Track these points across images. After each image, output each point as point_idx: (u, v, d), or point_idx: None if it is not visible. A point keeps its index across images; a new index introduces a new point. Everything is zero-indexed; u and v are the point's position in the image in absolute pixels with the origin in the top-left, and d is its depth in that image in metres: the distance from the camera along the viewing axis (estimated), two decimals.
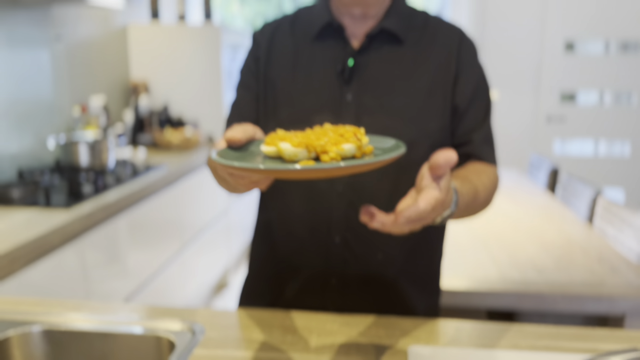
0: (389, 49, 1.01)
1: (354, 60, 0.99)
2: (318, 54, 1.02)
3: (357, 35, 1.02)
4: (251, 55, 1.07)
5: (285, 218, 1.05)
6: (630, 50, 4.24)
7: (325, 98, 1.00)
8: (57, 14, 2.52)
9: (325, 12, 1.02)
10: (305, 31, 1.04)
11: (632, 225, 2.00)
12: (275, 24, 1.08)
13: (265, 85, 1.05)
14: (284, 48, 1.04)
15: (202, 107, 3.32)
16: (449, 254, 1.89)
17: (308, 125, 0.97)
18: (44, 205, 1.83)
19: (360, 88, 0.99)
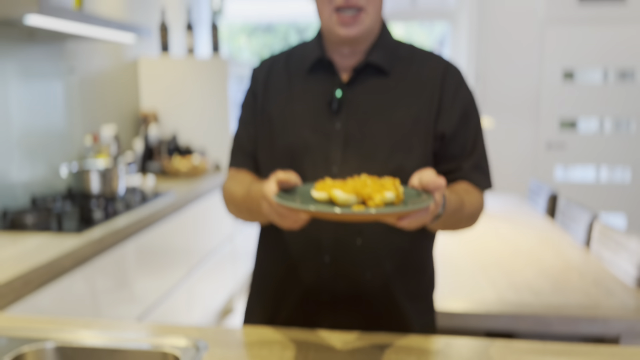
0: (375, 81, 1.09)
1: (342, 92, 1.08)
2: (310, 87, 1.10)
3: (345, 69, 1.10)
4: (250, 90, 1.17)
5: (279, 240, 1.12)
6: (628, 79, 4.33)
7: (316, 126, 1.08)
8: (70, 48, 2.64)
9: (317, 48, 1.11)
10: (299, 66, 1.13)
11: (627, 248, 2.04)
12: (272, 60, 1.18)
13: (263, 115, 1.13)
14: (280, 81, 1.13)
15: (210, 136, 3.41)
16: (448, 277, 1.94)
17: (303, 152, 1.05)
18: (56, 230, 1.90)
19: (348, 117, 1.07)
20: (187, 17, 3.52)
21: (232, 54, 5.17)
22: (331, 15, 1.03)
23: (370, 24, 1.05)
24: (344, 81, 1.09)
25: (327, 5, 1.03)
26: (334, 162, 1.06)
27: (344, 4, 1.01)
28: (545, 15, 4.28)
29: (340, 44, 1.08)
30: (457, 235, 2.45)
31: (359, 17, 1.03)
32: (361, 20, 1.03)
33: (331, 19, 1.03)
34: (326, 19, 1.04)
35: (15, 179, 2.25)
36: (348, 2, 1.01)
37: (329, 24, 1.04)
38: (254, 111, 1.15)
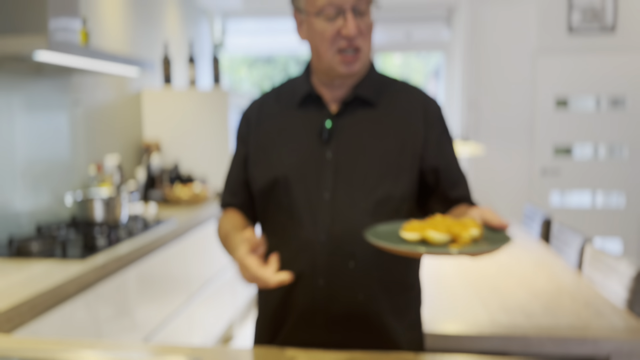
0: (362, 112, 1.17)
1: (331, 123, 1.16)
2: (301, 119, 1.19)
3: (333, 101, 1.19)
4: (241, 129, 1.27)
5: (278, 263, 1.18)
6: (619, 106, 4.43)
7: (308, 156, 1.16)
8: (76, 81, 2.74)
9: (305, 84, 1.20)
10: (289, 100, 1.22)
11: (617, 271, 2.09)
12: (261, 99, 1.28)
13: (257, 148, 1.22)
14: (271, 116, 1.23)
15: (211, 164, 3.49)
16: (442, 299, 1.98)
17: (297, 181, 1.13)
18: (60, 257, 1.96)
19: (338, 147, 1.15)
20: (189, 50, 3.64)
21: (233, 85, 5.29)
22: (334, 56, 1.12)
23: (366, 60, 1.16)
24: (333, 113, 1.17)
25: (329, 48, 1.12)
26: (325, 189, 1.13)
27: (347, 46, 1.11)
28: (537, 46, 4.41)
29: (339, 79, 1.16)
30: (452, 258, 2.50)
31: (358, 56, 1.13)
32: (360, 58, 1.13)
33: (334, 59, 1.12)
34: (329, 59, 1.13)
35: (20, 208, 2.32)
36: (350, 44, 1.11)
37: (331, 63, 1.13)
38: (245, 148, 1.25)
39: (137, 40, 3.38)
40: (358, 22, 1.10)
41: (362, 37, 1.12)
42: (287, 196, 1.15)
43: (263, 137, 1.21)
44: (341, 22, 1.09)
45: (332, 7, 1.08)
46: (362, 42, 1.12)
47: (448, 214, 1.14)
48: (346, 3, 1.08)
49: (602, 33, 4.32)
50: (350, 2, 1.08)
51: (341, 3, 1.08)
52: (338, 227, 1.12)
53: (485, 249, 0.86)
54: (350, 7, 1.08)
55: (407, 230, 0.92)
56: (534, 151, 4.49)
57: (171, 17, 3.91)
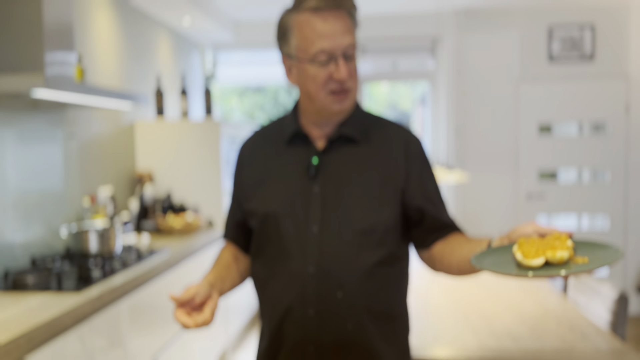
0: (347, 149, 1.25)
1: (318, 159, 1.23)
2: (289, 156, 1.26)
3: (319, 138, 1.26)
4: (236, 172, 1.36)
5: (268, 296, 1.25)
6: (601, 131, 4.55)
7: (296, 191, 1.22)
8: (71, 115, 2.79)
9: (293, 123, 1.28)
10: (278, 139, 1.30)
11: (600, 294, 2.16)
12: (252, 139, 1.36)
13: (250, 185, 1.30)
14: (262, 154, 1.31)
15: (203, 194, 3.54)
16: (431, 324, 2.03)
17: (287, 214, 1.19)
18: (56, 289, 1.99)
19: (324, 182, 1.22)
20: (181, 83, 3.72)
21: (224, 114, 5.37)
22: (326, 97, 1.20)
23: (353, 100, 1.24)
24: (319, 149, 1.25)
25: (322, 90, 1.19)
26: (314, 222, 1.20)
27: (339, 89, 1.19)
28: (519, 74, 4.55)
29: (329, 117, 1.24)
30: (440, 284, 2.55)
31: (348, 94, 1.21)
32: (349, 97, 1.22)
33: (327, 99, 1.20)
34: (321, 100, 1.20)
35: (15, 240, 2.35)
36: (342, 87, 1.19)
37: (324, 103, 1.20)
38: (239, 185, 1.34)
39: (130, 73, 3.45)
40: (348, 65, 1.18)
41: (352, 78, 1.20)
42: (277, 230, 1.22)
43: (255, 175, 1.30)
44: (333, 67, 1.17)
45: (324, 53, 1.16)
46: (351, 83, 1.20)
47: (446, 244, 1.21)
48: (337, 50, 1.16)
49: (581, 61, 4.47)
50: (341, 49, 1.16)
51: (333, 50, 1.16)
52: (326, 259, 1.18)
53: (609, 262, 0.90)
54: (341, 53, 1.16)
55: (529, 257, 0.93)
56: (519, 176, 4.59)
57: (163, 50, 4.00)
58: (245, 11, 4.42)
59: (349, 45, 1.17)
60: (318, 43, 1.15)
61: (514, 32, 4.52)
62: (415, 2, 4.23)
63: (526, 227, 1.00)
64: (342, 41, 1.16)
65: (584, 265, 0.90)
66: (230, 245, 1.37)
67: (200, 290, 1.11)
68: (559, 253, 0.91)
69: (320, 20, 1.15)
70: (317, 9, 1.15)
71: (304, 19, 1.17)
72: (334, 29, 1.15)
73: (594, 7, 4.40)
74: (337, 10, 1.16)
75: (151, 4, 3.51)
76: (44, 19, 2.17)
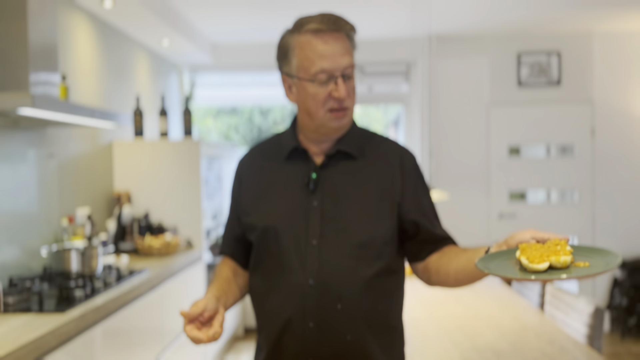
0: (345, 164, 1.29)
1: (316, 174, 1.27)
2: (289, 171, 1.30)
3: (318, 154, 1.31)
4: (235, 182, 1.39)
5: (268, 309, 1.27)
6: (568, 153, 4.73)
7: (296, 204, 1.26)
8: (51, 133, 2.77)
9: (292, 139, 1.32)
10: (277, 154, 1.34)
11: (576, 309, 2.23)
12: (251, 156, 1.39)
13: (250, 200, 1.32)
14: (261, 170, 1.34)
15: (182, 214, 3.52)
16: (416, 341, 2.07)
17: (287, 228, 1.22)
18: (37, 310, 1.95)
19: (323, 196, 1.26)
20: (161, 103, 3.72)
21: (201, 135, 5.38)
22: (325, 114, 1.24)
23: (351, 117, 1.29)
24: (318, 164, 1.29)
25: (321, 108, 1.24)
26: (313, 235, 1.23)
27: (337, 107, 1.24)
28: (489, 98, 4.71)
29: (327, 134, 1.28)
30: (423, 302, 2.60)
31: (345, 112, 1.26)
32: (347, 114, 1.27)
33: (326, 116, 1.25)
34: (320, 118, 1.25)
35: None
36: (341, 105, 1.24)
37: (323, 121, 1.25)
38: (238, 200, 1.36)
39: (109, 93, 3.45)
40: (346, 85, 1.23)
41: (350, 97, 1.25)
42: (277, 243, 1.24)
43: (254, 189, 1.32)
44: (332, 86, 1.22)
45: (325, 73, 1.21)
46: (349, 102, 1.25)
47: (442, 255, 1.26)
48: (337, 70, 1.22)
49: (548, 86, 4.66)
50: (340, 69, 1.22)
51: (332, 70, 1.21)
52: (326, 271, 1.21)
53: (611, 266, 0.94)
54: (340, 73, 1.22)
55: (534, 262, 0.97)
56: (491, 196, 4.72)
57: (142, 70, 4.01)
58: (223, 34, 4.48)
59: (347, 65, 1.22)
60: (319, 63, 1.21)
61: (484, 57, 4.69)
62: (391, 29, 4.36)
63: (524, 233, 1.06)
64: (342, 62, 1.21)
65: (585, 269, 0.96)
66: (229, 260, 1.38)
67: (208, 305, 1.12)
68: (563, 258, 0.96)
69: (321, 41, 1.21)
70: (318, 31, 1.21)
71: (305, 40, 1.22)
72: (333, 50, 1.21)
73: (561, 35, 4.61)
74: (337, 33, 1.23)
75: (131, 25, 3.53)
76: (29, 40, 2.17)
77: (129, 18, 3.37)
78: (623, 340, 4.39)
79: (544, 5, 3.91)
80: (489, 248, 1.13)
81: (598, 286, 4.65)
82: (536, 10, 4.02)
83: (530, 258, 0.97)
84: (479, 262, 1.03)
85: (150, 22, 3.44)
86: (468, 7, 3.92)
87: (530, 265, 0.97)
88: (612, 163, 4.64)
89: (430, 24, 4.05)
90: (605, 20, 4.30)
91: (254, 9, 3.81)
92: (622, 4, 3.92)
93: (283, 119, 6.56)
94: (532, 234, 1.05)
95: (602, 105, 4.64)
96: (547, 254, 0.97)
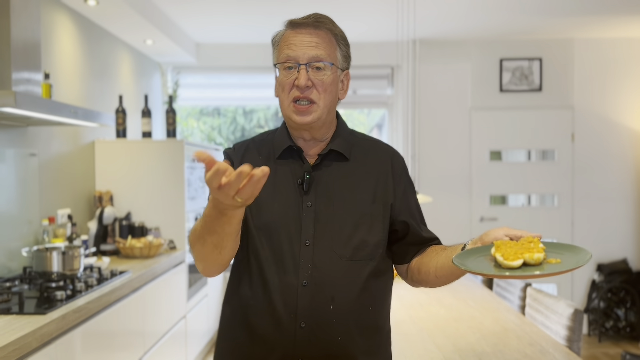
0: (338, 165, 1.30)
1: (310, 174, 1.27)
2: (282, 170, 1.29)
3: (311, 155, 1.30)
4: None
5: (259, 307, 1.25)
6: (549, 158, 4.81)
7: (289, 204, 1.25)
8: (32, 132, 2.73)
9: (285, 137, 1.31)
10: (270, 152, 1.32)
11: (556, 311, 2.27)
12: (245, 145, 1.36)
13: None
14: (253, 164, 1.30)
15: (164, 215, 3.50)
16: (399, 344, 2.08)
17: (279, 228, 1.21)
18: (17, 312, 1.92)
19: (316, 196, 1.26)
20: (142, 102, 3.70)
21: (183, 133, 5.36)
22: (289, 105, 1.24)
23: (320, 114, 1.26)
24: (311, 165, 1.29)
25: (287, 97, 1.24)
26: (307, 235, 1.23)
27: (300, 97, 1.23)
28: (471, 103, 4.76)
29: (298, 129, 1.28)
30: (405, 303, 2.62)
31: (311, 107, 1.24)
32: (312, 110, 1.24)
33: (289, 107, 1.24)
34: (285, 108, 1.25)
35: None
36: (303, 94, 1.23)
37: (287, 112, 1.25)
38: None
39: (92, 91, 3.41)
40: (313, 76, 1.23)
41: (317, 90, 1.24)
42: (270, 243, 1.23)
43: None
44: (296, 74, 1.23)
45: (290, 61, 1.23)
46: (316, 95, 1.24)
47: (424, 255, 1.28)
48: (301, 58, 1.22)
49: (530, 92, 4.73)
50: (306, 58, 1.22)
51: (296, 57, 1.23)
52: (319, 272, 1.21)
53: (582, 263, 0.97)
54: (305, 62, 1.23)
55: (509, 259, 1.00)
56: (472, 200, 4.77)
57: (125, 69, 3.97)
58: (207, 35, 4.46)
59: (314, 56, 1.22)
60: (286, 50, 1.23)
61: (467, 63, 4.74)
62: (376, 33, 4.39)
63: (498, 230, 1.09)
64: (308, 51, 1.22)
65: (557, 265, 0.99)
66: None
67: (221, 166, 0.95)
68: (536, 255, 1.00)
69: (295, 33, 1.24)
70: (298, 24, 1.24)
71: (285, 32, 1.26)
72: (302, 40, 1.23)
73: (542, 41, 4.69)
74: (315, 29, 1.24)
75: (114, 24, 3.50)
76: (12, 38, 2.15)
77: (112, 17, 3.34)
78: (600, 343, 4.46)
79: (526, 13, 3.97)
80: (465, 245, 1.16)
81: (576, 289, 4.73)
82: (518, 17, 4.08)
83: (505, 255, 1.00)
84: (455, 259, 1.05)
85: (134, 21, 3.41)
86: (452, 13, 3.97)
87: (505, 262, 1.00)
88: (591, 168, 4.72)
89: (414, 28, 4.09)
90: (585, 27, 4.39)
91: (239, 10, 3.81)
92: (602, 12, 4.00)
93: (267, 120, 6.55)
94: (506, 231, 1.08)
95: (582, 111, 4.72)
96: (521, 251, 1.01)
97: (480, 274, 1.01)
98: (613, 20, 4.20)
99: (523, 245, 1.02)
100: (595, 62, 4.71)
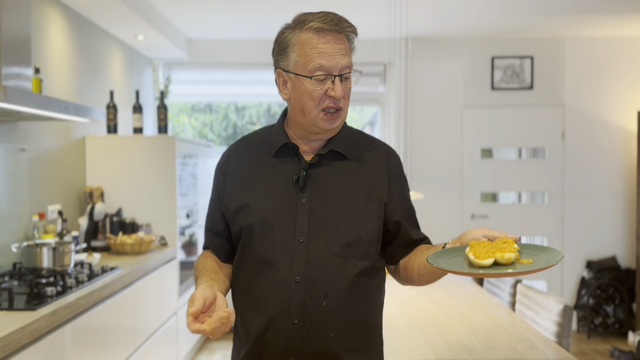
0: (335, 164, 1.30)
1: (306, 172, 1.27)
2: (278, 167, 1.30)
3: (308, 152, 1.31)
4: (219, 182, 1.35)
5: (252, 305, 1.26)
6: (539, 156, 4.84)
7: (284, 201, 1.26)
8: (22, 127, 2.71)
9: (281, 135, 1.32)
10: (266, 149, 1.32)
11: (545, 308, 2.29)
12: (236, 149, 1.38)
13: (235, 194, 1.30)
14: (248, 164, 1.33)
15: (156, 211, 3.48)
16: (390, 340, 2.09)
17: (274, 224, 1.22)
18: (7, 308, 1.91)
19: (312, 193, 1.26)
20: (134, 98, 3.68)
21: (175, 129, 5.33)
22: (319, 113, 1.25)
23: (343, 119, 1.30)
24: (308, 162, 1.29)
25: (316, 106, 1.24)
26: (301, 232, 1.23)
27: (332, 106, 1.24)
28: (463, 101, 4.78)
29: (319, 133, 1.28)
30: (396, 300, 2.63)
31: (339, 114, 1.27)
32: (339, 117, 1.27)
33: (318, 116, 1.25)
34: (313, 116, 1.25)
35: None
36: (335, 105, 1.25)
37: (315, 120, 1.25)
38: (223, 194, 1.33)
39: (83, 86, 3.39)
40: (343, 86, 1.24)
41: (344, 99, 1.26)
42: (264, 239, 1.24)
43: (241, 184, 1.30)
44: (329, 85, 1.23)
45: (322, 71, 1.22)
46: (344, 103, 1.26)
47: (411, 255, 1.28)
48: (335, 69, 1.22)
49: (521, 90, 4.75)
50: (338, 68, 1.23)
51: (330, 69, 1.22)
52: (312, 269, 1.22)
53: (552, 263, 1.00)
54: (337, 72, 1.23)
55: (480, 258, 1.03)
56: (464, 197, 4.79)
57: (116, 65, 3.95)
58: (199, 31, 4.44)
59: (345, 66, 1.23)
60: (317, 60, 1.21)
61: (459, 61, 4.76)
62: (368, 30, 4.39)
63: (476, 231, 1.12)
64: (340, 62, 1.22)
65: (528, 265, 1.02)
66: (211, 253, 1.36)
67: (205, 293, 1.09)
68: (507, 254, 1.02)
69: (323, 40, 1.22)
70: (321, 29, 1.22)
71: (306, 37, 1.23)
72: (333, 49, 1.22)
73: (533, 40, 4.71)
74: (338, 34, 1.24)
75: (105, 19, 3.47)
76: (1, 32, 2.13)
77: (104, 12, 3.32)
78: (589, 339, 4.50)
79: (518, 11, 3.99)
80: (445, 244, 1.18)
81: (566, 286, 4.76)
82: (510, 16, 4.10)
83: (477, 254, 1.03)
84: (430, 258, 1.09)
85: (125, 16, 3.39)
86: (444, 11, 3.98)
87: (476, 260, 1.03)
88: (581, 166, 4.76)
89: (407, 26, 4.09)
90: (576, 26, 4.41)
91: (231, 6, 3.79)
92: (593, 11, 4.02)
93: (259, 117, 6.54)
94: (484, 232, 1.10)
95: (573, 109, 4.75)
96: (493, 250, 1.03)
97: (453, 272, 1.04)
98: (604, 19, 4.23)
99: (496, 245, 1.05)
100: (586, 60, 4.74)
